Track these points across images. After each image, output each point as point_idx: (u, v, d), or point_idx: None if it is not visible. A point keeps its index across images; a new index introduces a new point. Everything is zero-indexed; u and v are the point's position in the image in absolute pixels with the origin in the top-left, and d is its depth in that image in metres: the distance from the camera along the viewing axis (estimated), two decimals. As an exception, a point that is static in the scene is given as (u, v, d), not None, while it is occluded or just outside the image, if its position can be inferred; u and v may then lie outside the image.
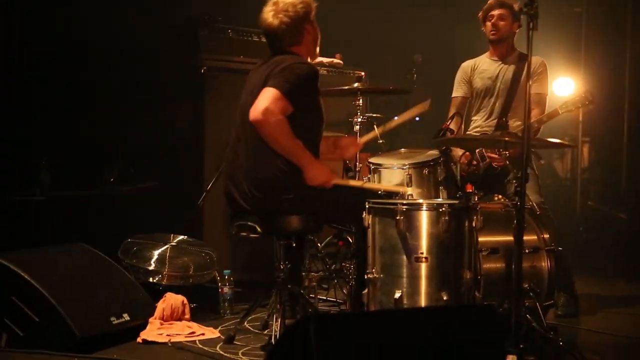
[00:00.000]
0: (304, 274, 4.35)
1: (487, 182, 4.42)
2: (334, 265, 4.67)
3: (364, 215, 3.71)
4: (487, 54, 5.05)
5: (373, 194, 3.92)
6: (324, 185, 3.69)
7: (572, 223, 7.72)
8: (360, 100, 4.70)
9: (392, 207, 3.62)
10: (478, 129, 4.94)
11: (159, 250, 4.62)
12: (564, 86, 7.68)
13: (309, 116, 3.70)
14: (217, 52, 5.31)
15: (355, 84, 4.69)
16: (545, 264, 4.02)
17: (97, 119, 5.35)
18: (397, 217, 3.58)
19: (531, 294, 3.83)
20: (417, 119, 6.90)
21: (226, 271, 4.64)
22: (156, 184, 5.56)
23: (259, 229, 3.73)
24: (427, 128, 7.00)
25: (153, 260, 4.55)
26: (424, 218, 3.59)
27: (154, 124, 5.54)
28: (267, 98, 3.54)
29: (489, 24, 4.85)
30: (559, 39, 7.63)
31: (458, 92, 5.08)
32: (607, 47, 7.85)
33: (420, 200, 3.87)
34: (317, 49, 3.99)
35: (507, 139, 3.84)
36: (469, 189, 3.63)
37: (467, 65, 5.08)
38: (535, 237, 4.05)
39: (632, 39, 7.54)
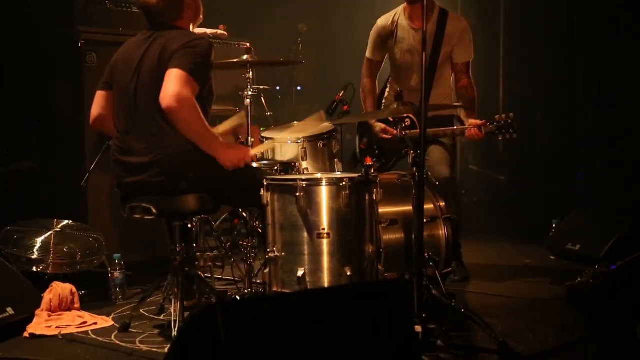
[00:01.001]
0: (198, 253, 4.21)
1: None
2: (228, 243, 4.56)
3: (262, 193, 3.62)
4: (404, 12, 4.77)
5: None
6: (239, 165, 3.58)
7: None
8: (250, 72, 4.57)
9: (291, 183, 3.54)
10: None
11: (42, 238, 4.36)
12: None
13: (205, 91, 3.55)
14: (95, 24, 5.03)
15: (245, 56, 4.55)
16: (442, 232, 4.06)
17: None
18: (297, 194, 3.50)
19: (431, 263, 3.86)
20: (299, 88, 6.86)
21: (116, 255, 4.45)
22: (34, 165, 5.24)
23: (154, 210, 3.57)
24: (313, 97, 7.00)
25: (36, 248, 4.29)
26: (324, 193, 3.53)
27: (28, 100, 5.19)
28: (176, 82, 3.37)
29: None
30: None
31: (373, 54, 4.90)
32: (483, 38, 8.00)
33: (320, 175, 3.81)
34: (201, 19, 3.83)
35: (405, 115, 3.84)
36: (368, 161, 3.59)
37: (383, 25, 4.82)
38: (432, 206, 4.09)
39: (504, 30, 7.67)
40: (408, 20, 4.74)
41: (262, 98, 4.76)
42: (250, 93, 4.59)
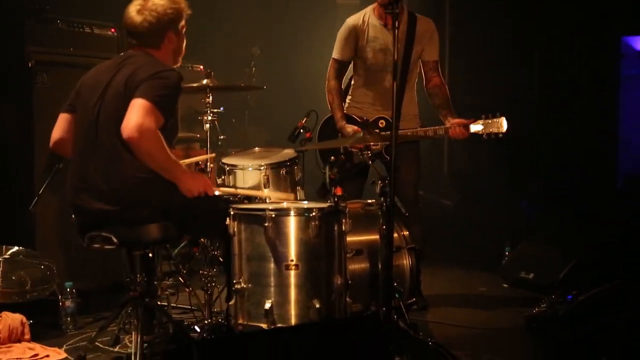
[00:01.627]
0: (155, 282, 4.09)
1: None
2: (184, 271, 4.44)
3: (227, 222, 3.54)
4: (373, 12, 4.73)
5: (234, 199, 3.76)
6: (200, 194, 3.47)
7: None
8: (210, 97, 4.49)
9: (260, 213, 3.47)
10: (368, 105, 4.79)
11: (-10, 266, 4.17)
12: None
13: (170, 122, 3.45)
14: (46, 44, 4.86)
15: (205, 81, 4.48)
16: (406, 262, 4.06)
17: None
18: (266, 224, 3.44)
19: (396, 294, 3.84)
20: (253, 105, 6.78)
21: (68, 283, 4.30)
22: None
23: (115, 240, 3.44)
24: (265, 120, 6.94)
25: (-17, 277, 4.10)
26: (293, 224, 3.47)
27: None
28: (139, 112, 3.25)
29: None
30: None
31: (343, 54, 4.77)
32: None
33: (287, 204, 3.74)
34: (179, 60, 3.73)
35: (372, 143, 3.82)
36: (339, 192, 3.55)
37: (354, 24, 4.74)
38: (396, 235, 4.07)
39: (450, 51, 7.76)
40: (379, 20, 4.71)
41: (216, 121, 4.67)
42: (209, 118, 4.52)
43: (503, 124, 4.37)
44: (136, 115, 3.24)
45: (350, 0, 7.20)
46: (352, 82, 4.92)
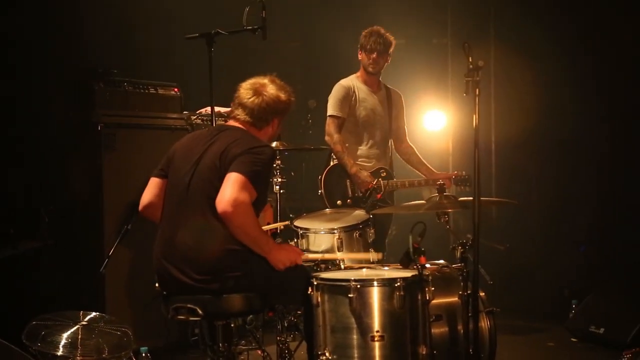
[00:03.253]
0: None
1: None
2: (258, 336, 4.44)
3: (310, 292, 3.54)
4: (359, 79, 5.36)
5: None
6: (290, 266, 3.53)
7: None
8: (279, 160, 4.53)
9: (344, 284, 3.46)
10: (364, 159, 5.25)
11: (69, 332, 4.16)
12: (435, 120, 7.69)
13: (260, 198, 3.50)
14: (113, 106, 4.95)
15: (275, 143, 4.52)
16: (485, 324, 4.00)
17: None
18: (350, 295, 3.43)
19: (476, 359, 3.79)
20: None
21: (143, 348, 4.32)
22: (42, 245, 5.08)
23: (200, 312, 3.45)
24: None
25: (62, 344, 4.10)
26: (377, 294, 3.46)
27: (45, 182, 5.07)
28: (234, 186, 3.32)
29: (371, 57, 5.23)
30: (429, 72, 7.74)
31: (342, 112, 5.27)
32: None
33: (370, 275, 3.71)
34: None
35: (446, 203, 3.82)
36: (423, 260, 3.54)
37: (348, 86, 5.30)
38: (475, 299, 4.02)
39: (495, 69, 7.74)
40: (364, 85, 5.35)
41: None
42: (279, 180, 4.55)
43: (468, 180, 5.30)
44: (231, 189, 3.30)
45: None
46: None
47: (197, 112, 5.37)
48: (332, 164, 5.26)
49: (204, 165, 3.48)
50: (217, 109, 5.10)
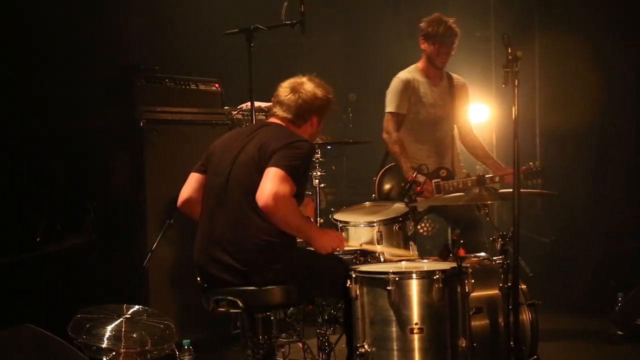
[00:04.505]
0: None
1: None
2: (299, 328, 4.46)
3: (349, 285, 3.54)
4: (420, 71, 5.07)
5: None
6: (334, 250, 3.61)
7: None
8: (319, 153, 4.54)
9: (383, 276, 3.46)
10: (424, 159, 4.93)
11: (113, 325, 4.24)
12: (478, 112, 7.63)
13: (300, 191, 3.54)
14: (155, 102, 5.02)
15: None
16: (526, 317, 3.97)
17: (28, 172, 4.98)
18: (389, 287, 3.42)
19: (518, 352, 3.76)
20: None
21: (185, 341, 4.38)
22: (87, 240, 5.17)
23: (240, 304, 3.49)
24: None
25: (106, 336, 4.18)
26: (416, 287, 3.44)
27: (88, 178, 5.17)
28: (274, 180, 3.36)
29: (441, 49, 4.94)
30: (471, 65, 7.67)
31: (402, 108, 5.00)
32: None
33: (409, 267, 3.69)
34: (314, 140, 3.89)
35: (485, 195, 3.80)
36: (462, 253, 3.52)
37: (407, 79, 5.02)
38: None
39: (539, 61, 7.65)
40: (426, 78, 5.05)
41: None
42: (319, 173, 4.56)
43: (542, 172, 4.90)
44: (271, 183, 3.34)
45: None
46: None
47: (238, 107, 5.42)
48: (387, 164, 5.09)
49: (243, 160, 3.53)
50: (257, 104, 5.13)
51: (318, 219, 4.62)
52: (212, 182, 3.62)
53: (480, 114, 7.64)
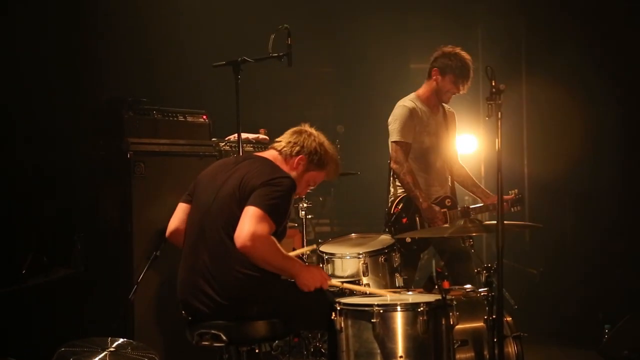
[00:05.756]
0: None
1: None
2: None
3: (334, 317, 3.53)
4: (420, 98, 4.99)
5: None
6: (317, 287, 3.57)
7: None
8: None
9: (367, 309, 3.45)
10: (429, 187, 4.94)
11: (97, 358, 4.20)
12: (466, 143, 7.66)
13: (280, 225, 3.53)
14: (143, 134, 5.01)
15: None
16: (512, 350, 3.96)
17: (14, 204, 4.97)
18: (373, 320, 3.41)
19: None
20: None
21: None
22: (74, 272, 5.15)
23: (224, 338, 3.47)
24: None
25: (90, 370, 4.15)
26: (400, 319, 3.44)
27: (75, 210, 5.16)
28: (252, 220, 3.36)
29: (459, 87, 4.90)
30: (460, 96, 7.70)
31: (408, 137, 4.89)
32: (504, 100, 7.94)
33: (394, 300, 3.69)
34: (299, 191, 3.81)
35: (470, 227, 3.80)
36: (446, 285, 3.51)
37: (412, 108, 4.93)
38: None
39: (527, 93, 7.70)
40: (426, 107, 4.98)
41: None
42: (305, 205, 4.57)
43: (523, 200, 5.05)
44: (249, 224, 3.33)
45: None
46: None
47: (226, 139, 5.43)
48: (399, 194, 4.93)
49: (225, 192, 3.53)
50: (244, 135, 5.15)
51: (305, 249, 4.59)
52: (194, 215, 3.63)
53: (469, 145, 7.67)
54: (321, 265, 4.28)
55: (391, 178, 4.97)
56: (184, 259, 3.64)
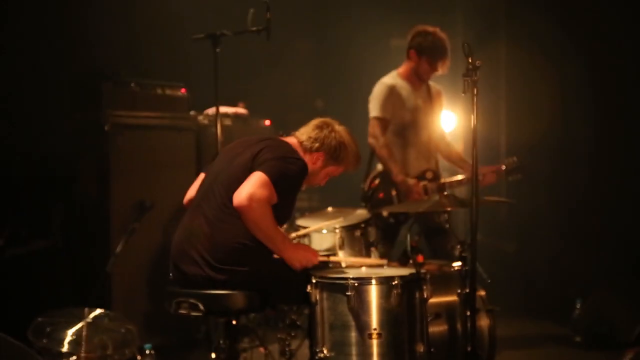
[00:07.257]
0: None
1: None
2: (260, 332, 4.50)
3: (309, 290, 3.58)
4: (401, 76, 5.05)
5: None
6: (307, 266, 3.61)
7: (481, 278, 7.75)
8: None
9: (342, 282, 3.50)
10: (410, 162, 5.00)
11: (74, 329, 4.24)
12: (446, 120, 7.68)
13: (284, 208, 3.59)
14: (121, 107, 5.01)
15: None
16: (484, 323, 4.04)
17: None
18: (348, 293, 3.46)
19: (475, 358, 3.82)
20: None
21: (147, 345, 4.37)
22: (53, 243, 5.16)
23: (201, 307, 3.51)
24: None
25: (67, 340, 4.17)
26: (375, 292, 3.49)
27: (52, 183, 5.15)
28: (255, 183, 3.41)
29: (435, 67, 4.96)
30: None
31: (387, 112, 4.97)
32: (483, 78, 7.99)
33: (369, 273, 3.74)
34: (318, 182, 3.87)
35: (445, 202, 3.85)
36: (420, 259, 3.58)
37: (391, 85, 5.00)
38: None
39: (505, 70, 7.73)
40: (407, 83, 5.04)
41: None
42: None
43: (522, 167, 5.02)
44: (250, 185, 3.39)
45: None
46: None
47: (204, 112, 5.44)
48: (377, 169, 5.06)
49: (238, 162, 3.57)
50: (222, 109, 5.16)
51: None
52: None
53: (449, 122, 7.70)
54: (298, 239, 4.30)
55: (370, 154, 5.01)
56: (183, 219, 3.68)
